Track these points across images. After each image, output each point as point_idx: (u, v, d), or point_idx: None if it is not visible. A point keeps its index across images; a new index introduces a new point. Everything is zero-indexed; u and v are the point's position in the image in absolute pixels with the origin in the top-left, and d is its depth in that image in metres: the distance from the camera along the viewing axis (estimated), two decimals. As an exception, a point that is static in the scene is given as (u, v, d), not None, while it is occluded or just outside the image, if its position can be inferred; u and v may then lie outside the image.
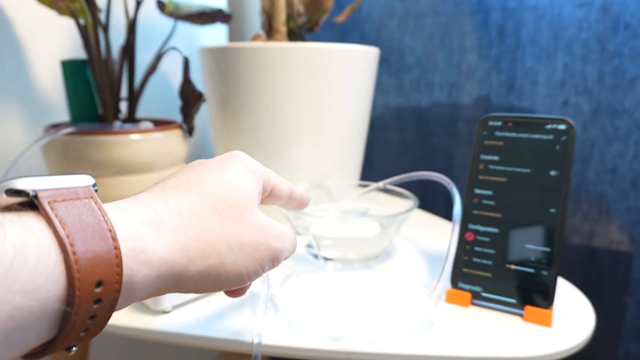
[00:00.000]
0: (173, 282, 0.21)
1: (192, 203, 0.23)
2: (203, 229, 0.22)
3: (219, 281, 0.23)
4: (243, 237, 0.24)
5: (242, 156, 0.28)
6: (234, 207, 0.24)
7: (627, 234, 0.61)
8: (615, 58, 0.58)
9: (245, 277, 0.24)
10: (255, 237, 0.24)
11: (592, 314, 0.37)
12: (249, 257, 0.24)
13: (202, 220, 0.23)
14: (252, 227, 0.25)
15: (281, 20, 0.54)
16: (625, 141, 0.59)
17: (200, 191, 0.24)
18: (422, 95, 0.73)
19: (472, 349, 0.32)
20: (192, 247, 0.22)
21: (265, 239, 0.25)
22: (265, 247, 0.25)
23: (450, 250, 0.38)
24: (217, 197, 0.24)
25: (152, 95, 0.70)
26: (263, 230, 0.25)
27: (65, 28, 0.60)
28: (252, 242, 0.24)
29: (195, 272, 0.22)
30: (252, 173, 0.27)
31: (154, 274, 0.20)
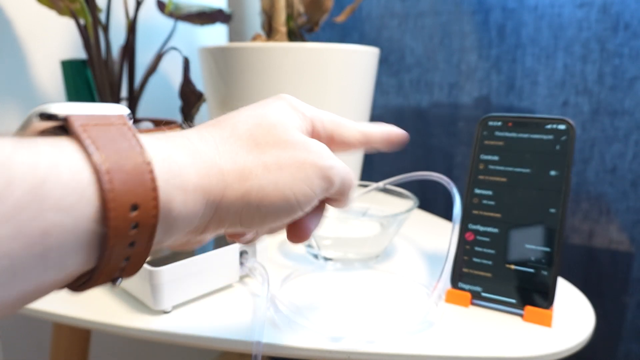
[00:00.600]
0: (214, 210, 0.21)
1: (226, 132, 0.22)
2: (239, 154, 0.22)
3: (262, 208, 0.22)
4: (281, 158, 0.22)
5: (288, 97, 0.26)
6: (271, 131, 0.23)
7: (627, 234, 0.61)
8: (615, 58, 0.58)
9: (292, 201, 0.22)
10: (295, 157, 0.23)
11: (592, 314, 0.37)
12: (292, 177, 0.22)
13: (237, 146, 0.22)
14: (291, 147, 0.23)
15: (281, 20, 0.54)
16: (625, 141, 0.59)
17: (235, 122, 0.23)
18: (422, 95, 0.73)
19: (472, 349, 0.32)
20: (228, 172, 0.21)
21: (308, 157, 0.23)
22: (310, 165, 0.23)
23: (450, 250, 0.38)
24: (251, 124, 0.23)
25: (152, 96, 0.70)
26: (305, 149, 0.23)
27: (65, 28, 0.60)
28: (292, 162, 0.22)
29: (235, 198, 0.21)
30: (296, 110, 0.25)
31: (190, 200, 0.19)
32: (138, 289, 0.37)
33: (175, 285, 0.35)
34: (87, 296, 0.39)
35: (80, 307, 0.37)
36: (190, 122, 0.55)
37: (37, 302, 0.37)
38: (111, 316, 0.35)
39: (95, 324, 0.35)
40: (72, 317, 0.36)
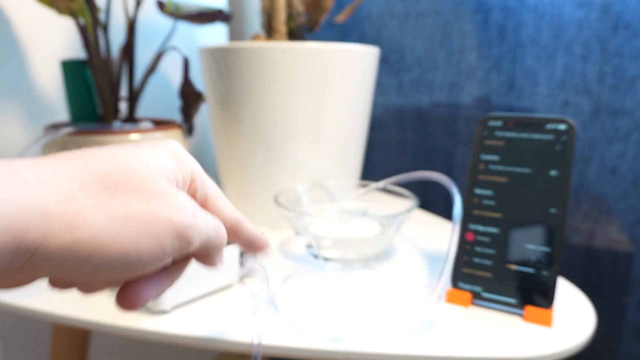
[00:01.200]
0: (27, 257, 0.17)
1: (72, 168, 0.18)
2: (77, 196, 0.18)
3: (92, 261, 0.18)
4: (131, 208, 0.19)
5: (174, 144, 0.23)
6: (129, 175, 0.19)
7: (627, 234, 0.61)
8: (615, 58, 0.58)
9: (133, 258, 0.19)
10: (148, 209, 0.19)
11: (593, 314, 0.37)
12: (138, 231, 0.19)
13: (79, 187, 0.18)
14: (147, 197, 0.19)
15: (281, 20, 0.54)
16: (625, 141, 0.59)
17: (91, 159, 0.19)
18: (422, 95, 0.73)
19: (472, 349, 0.32)
20: (55, 215, 0.17)
21: (164, 211, 0.19)
22: (165, 220, 0.19)
23: (450, 250, 0.38)
24: (110, 164, 0.19)
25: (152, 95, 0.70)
26: (164, 200, 0.20)
27: (65, 28, 0.60)
28: (143, 213, 0.19)
29: (58, 247, 0.17)
30: (175, 159, 0.22)
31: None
32: (138, 289, 0.37)
33: (175, 285, 0.35)
34: (87, 296, 0.39)
35: (80, 307, 0.37)
36: (190, 121, 0.55)
37: (37, 302, 0.37)
38: (111, 316, 0.35)
39: (95, 324, 0.35)
40: (72, 318, 0.36)
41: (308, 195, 0.53)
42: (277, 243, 0.52)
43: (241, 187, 0.56)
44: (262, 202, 0.55)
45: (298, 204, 0.51)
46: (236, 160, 0.55)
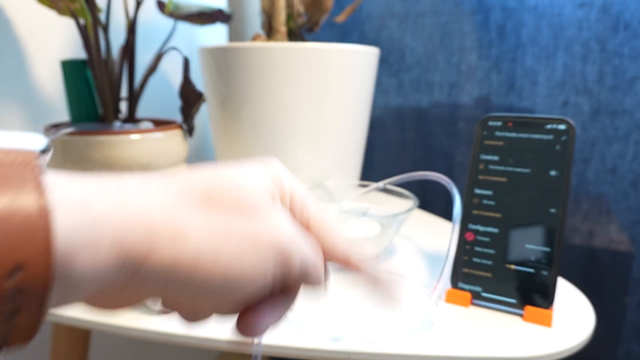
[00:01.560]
0: (132, 274, 0.16)
1: (176, 183, 0.18)
2: (182, 211, 0.17)
3: (195, 279, 0.17)
4: (234, 225, 0.18)
5: (275, 163, 0.22)
6: (232, 191, 0.19)
7: (627, 234, 0.61)
8: (615, 58, 0.58)
9: (233, 280, 0.18)
10: (252, 226, 0.18)
11: (592, 314, 0.37)
12: (241, 250, 0.18)
13: (182, 199, 0.18)
14: (250, 214, 0.18)
15: (281, 20, 0.54)
16: (625, 141, 0.59)
17: (192, 177, 0.19)
18: (422, 95, 0.73)
19: (472, 349, 0.32)
20: (160, 228, 0.16)
21: (268, 230, 0.18)
22: (269, 240, 0.18)
23: (450, 250, 0.38)
24: (212, 179, 0.19)
25: (152, 95, 0.70)
26: (267, 218, 0.19)
27: (65, 28, 0.60)
28: (247, 230, 0.18)
29: (161, 262, 0.16)
30: (275, 177, 0.21)
31: (101, 258, 0.15)
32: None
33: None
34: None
35: (80, 307, 0.37)
36: (190, 122, 0.55)
37: (37, 302, 0.37)
38: (111, 316, 0.35)
39: (95, 324, 0.35)
40: (72, 317, 0.36)
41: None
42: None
43: (241, 187, 0.56)
44: (262, 202, 0.55)
45: (298, 204, 0.51)
46: (236, 160, 0.55)
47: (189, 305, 0.20)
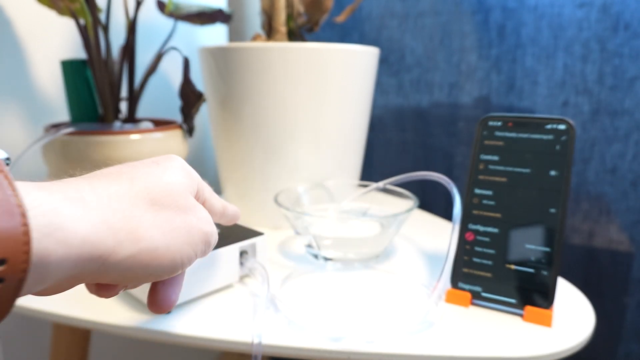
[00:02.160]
0: (97, 266, 0.20)
1: (122, 187, 0.22)
2: (134, 213, 0.22)
3: (150, 267, 0.22)
4: (175, 222, 0.23)
5: (179, 159, 0.27)
6: (167, 196, 0.24)
7: (627, 234, 0.61)
8: (615, 58, 0.58)
9: (178, 264, 0.23)
10: (187, 221, 0.24)
11: (592, 314, 0.37)
12: (182, 241, 0.23)
13: (132, 204, 0.22)
14: (184, 211, 0.24)
15: (281, 20, 0.54)
16: (625, 141, 0.59)
17: (132, 178, 0.23)
18: (422, 95, 0.73)
19: (472, 349, 0.32)
20: (121, 230, 0.20)
21: (198, 222, 0.25)
22: (198, 230, 0.24)
23: (450, 250, 0.38)
24: (149, 184, 0.23)
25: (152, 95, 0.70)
26: (195, 214, 0.25)
27: (65, 28, 0.60)
28: (184, 226, 0.24)
29: (124, 257, 0.20)
30: (188, 175, 0.26)
31: (73, 254, 0.18)
32: (138, 289, 0.37)
33: (175, 285, 0.35)
34: (87, 296, 0.39)
35: (80, 307, 0.37)
36: (190, 122, 0.55)
37: (37, 302, 0.37)
38: (111, 316, 0.35)
39: (95, 324, 0.35)
40: (72, 317, 0.36)
41: (308, 195, 0.53)
42: (277, 243, 0.52)
43: (241, 187, 0.56)
44: (262, 202, 0.55)
45: (298, 204, 0.52)
46: (236, 160, 0.55)
47: (124, 282, 0.23)
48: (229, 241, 0.40)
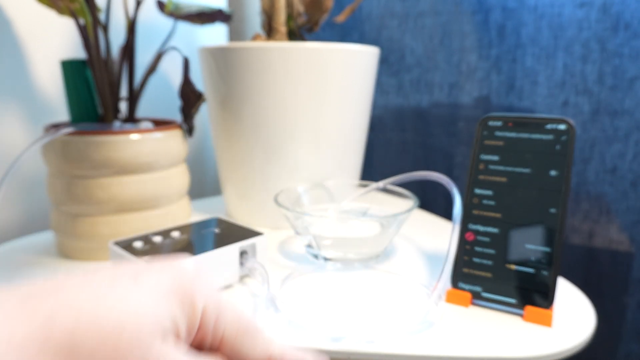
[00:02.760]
0: None
1: (31, 328, 0.14)
2: None
3: None
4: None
5: (178, 269, 0.18)
6: (106, 345, 0.14)
7: (627, 234, 0.61)
8: (615, 58, 0.58)
9: None
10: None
11: (593, 314, 0.37)
12: None
13: None
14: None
15: (281, 20, 0.54)
16: (625, 141, 0.59)
17: (52, 314, 0.14)
18: (422, 95, 0.73)
19: (472, 349, 0.32)
20: None
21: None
22: None
23: (450, 250, 0.38)
24: (78, 333, 0.14)
25: (152, 96, 0.70)
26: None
27: (65, 28, 0.60)
28: None
29: None
30: (178, 297, 0.17)
31: None
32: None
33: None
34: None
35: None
36: (190, 122, 0.55)
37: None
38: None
39: (95, 324, 0.35)
40: (72, 317, 0.36)
41: (308, 195, 0.53)
42: (277, 243, 0.52)
43: (241, 187, 0.56)
44: (262, 202, 0.55)
45: (298, 204, 0.51)
46: (236, 160, 0.55)
47: None
48: (229, 241, 0.40)
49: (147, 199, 0.47)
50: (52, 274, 0.43)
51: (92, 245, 0.46)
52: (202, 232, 0.42)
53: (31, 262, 0.46)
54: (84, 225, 0.45)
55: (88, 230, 0.45)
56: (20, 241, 0.52)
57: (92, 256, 0.46)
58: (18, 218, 0.58)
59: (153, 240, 0.40)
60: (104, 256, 0.46)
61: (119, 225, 0.45)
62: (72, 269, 0.44)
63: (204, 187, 0.84)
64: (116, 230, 0.45)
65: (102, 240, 0.45)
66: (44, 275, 0.43)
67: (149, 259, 0.36)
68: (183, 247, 0.39)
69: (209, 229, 0.43)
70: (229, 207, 0.60)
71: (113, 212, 0.45)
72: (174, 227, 0.44)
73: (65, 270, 0.44)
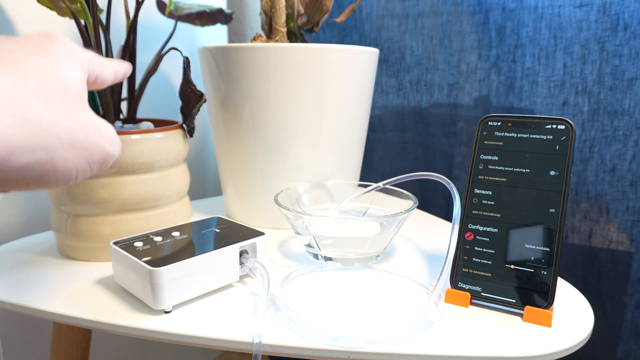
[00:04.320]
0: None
1: (8, 85, 0.19)
2: (27, 117, 0.19)
3: (44, 178, 0.21)
4: (77, 136, 0.21)
5: (63, 39, 0.24)
6: (64, 98, 0.21)
7: (626, 234, 0.61)
8: (614, 58, 0.58)
9: (72, 178, 0.22)
10: (89, 137, 0.22)
11: (592, 314, 0.37)
12: (81, 157, 0.22)
13: (24, 107, 0.19)
14: (85, 125, 0.22)
15: (281, 21, 0.54)
16: (625, 141, 0.60)
17: (20, 72, 0.20)
18: (422, 95, 0.73)
19: (472, 348, 0.32)
20: (13, 136, 0.18)
21: (99, 140, 0.23)
22: (99, 149, 0.23)
23: (450, 250, 0.38)
24: (42, 82, 0.20)
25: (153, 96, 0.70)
26: (97, 131, 0.23)
27: (66, 28, 0.60)
28: (85, 141, 0.22)
29: (18, 166, 0.19)
30: (79, 61, 0.24)
31: None
32: (138, 288, 0.37)
33: (176, 285, 0.36)
34: (88, 296, 0.39)
35: (81, 307, 0.37)
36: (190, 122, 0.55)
37: (37, 302, 0.37)
38: (111, 316, 0.35)
39: (96, 324, 0.35)
40: (72, 317, 0.36)
41: (308, 195, 0.53)
42: (277, 243, 0.52)
43: (241, 187, 0.57)
44: (262, 202, 0.55)
45: (298, 204, 0.52)
46: (236, 161, 0.55)
47: (9, 189, 0.22)
48: (229, 241, 0.40)
49: (147, 199, 0.47)
50: (53, 274, 0.43)
51: (93, 245, 0.46)
52: (203, 232, 0.42)
53: (31, 262, 0.46)
54: (84, 225, 0.45)
55: (88, 230, 0.45)
56: (20, 241, 0.52)
57: (92, 256, 0.46)
58: (19, 218, 0.58)
59: (154, 240, 0.40)
60: (104, 256, 0.46)
61: (120, 225, 0.46)
62: (72, 270, 0.44)
63: (204, 187, 0.84)
64: (116, 230, 0.45)
65: (103, 240, 0.45)
66: (45, 276, 0.43)
67: (150, 259, 0.36)
68: (183, 246, 0.39)
69: (209, 229, 0.43)
70: (229, 207, 0.60)
71: (114, 212, 0.45)
72: (175, 226, 0.44)
73: (66, 271, 0.44)
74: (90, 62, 0.25)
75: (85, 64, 0.24)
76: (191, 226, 0.44)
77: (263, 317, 0.34)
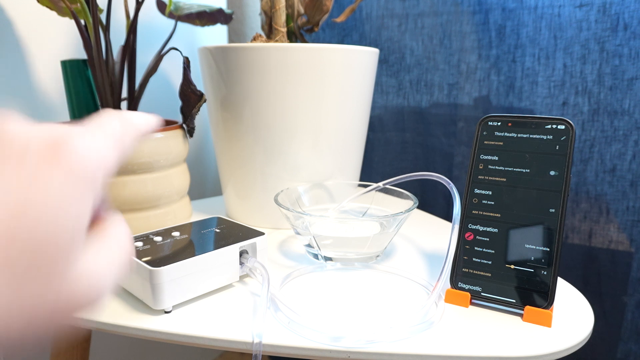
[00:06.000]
0: None
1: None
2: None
3: None
4: (44, 300, 0.15)
5: (74, 152, 0.16)
6: (41, 260, 0.15)
7: (626, 234, 0.61)
8: (614, 58, 0.58)
9: (28, 342, 0.16)
10: (59, 300, 0.16)
11: (592, 314, 0.37)
12: (45, 327, 0.16)
13: None
14: (59, 282, 0.16)
15: (281, 21, 0.54)
16: (625, 141, 0.59)
17: None
18: (422, 95, 0.73)
19: (472, 348, 0.32)
20: None
21: (66, 302, 0.16)
22: (63, 316, 0.16)
23: (450, 250, 0.38)
24: (10, 239, 0.14)
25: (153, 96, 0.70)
26: (70, 282, 0.16)
27: (66, 28, 0.60)
28: (53, 306, 0.16)
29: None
30: (84, 183, 0.16)
31: None
32: (138, 288, 0.37)
33: (176, 285, 0.36)
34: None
35: (81, 306, 0.37)
36: (190, 122, 0.55)
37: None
38: (111, 316, 0.35)
39: (96, 324, 0.35)
40: (73, 317, 0.36)
41: (308, 195, 0.53)
42: (277, 243, 0.52)
43: (241, 187, 0.57)
44: (262, 202, 0.55)
45: (298, 204, 0.52)
46: (236, 161, 0.55)
47: None
48: (229, 241, 0.40)
49: (147, 198, 0.47)
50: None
51: (93, 245, 0.46)
52: (203, 232, 0.42)
53: (32, 262, 0.46)
54: (84, 225, 0.45)
55: (88, 230, 0.45)
56: (20, 241, 0.52)
57: (92, 256, 0.46)
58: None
59: (154, 240, 0.40)
60: (104, 256, 0.46)
61: (120, 225, 0.46)
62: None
63: (204, 187, 0.84)
64: (117, 230, 0.45)
65: (103, 240, 0.45)
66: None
67: (150, 259, 0.36)
68: (183, 246, 0.39)
69: (209, 229, 0.43)
70: (229, 207, 0.60)
71: (113, 212, 0.45)
72: (175, 226, 0.44)
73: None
74: (116, 152, 0.18)
75: (97, 181, 0.17)
76: (191, 226, 0.44)
77: (263, 317, 0.34)
